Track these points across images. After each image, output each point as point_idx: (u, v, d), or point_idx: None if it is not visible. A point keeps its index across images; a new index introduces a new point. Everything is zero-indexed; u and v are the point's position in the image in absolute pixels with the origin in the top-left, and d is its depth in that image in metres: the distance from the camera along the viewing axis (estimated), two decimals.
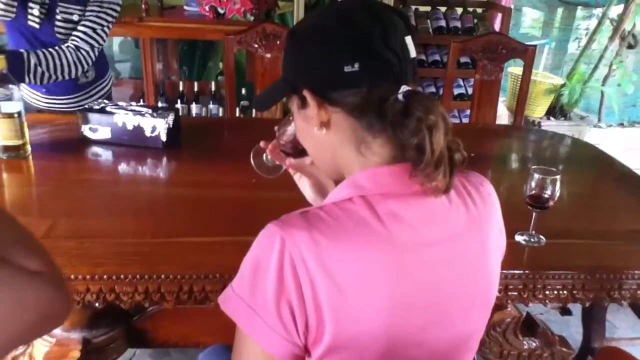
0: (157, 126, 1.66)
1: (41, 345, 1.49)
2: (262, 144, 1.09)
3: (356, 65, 0.73)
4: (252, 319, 0.72)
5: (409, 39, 0.77)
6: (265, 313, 0.72)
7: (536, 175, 1.22)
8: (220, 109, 3.32)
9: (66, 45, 1.86)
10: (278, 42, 2.24)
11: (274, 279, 0.70)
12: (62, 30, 1.87)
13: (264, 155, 1.12)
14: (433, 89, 3.62)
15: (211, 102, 3.34)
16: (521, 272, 1.18)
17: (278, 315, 0.71)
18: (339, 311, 0.70)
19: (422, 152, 0.72)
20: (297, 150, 1.02)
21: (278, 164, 1.11)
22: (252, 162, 1.13)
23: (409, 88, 0.75)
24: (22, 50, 1.78)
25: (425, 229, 0.75)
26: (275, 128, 1.06)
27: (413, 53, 0.77)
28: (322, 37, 0.77)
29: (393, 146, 0.76)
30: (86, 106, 1.74)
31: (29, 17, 1.84)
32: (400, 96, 0.74)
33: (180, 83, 3.37)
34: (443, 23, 3.56)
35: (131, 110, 1.69)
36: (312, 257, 0.69)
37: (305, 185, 1.08)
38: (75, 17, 1.86)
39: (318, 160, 0.88)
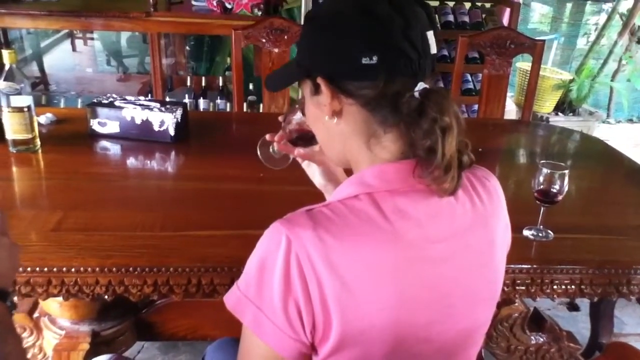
0: (166, 120, 1.67)
1: (51, 338, 1.51)
2: (267, 136, 1.08)
3: (374, 58, 0.72)
4: (259, 318, 0.72)
5: (430, 34, 0.75)
6: (272, 312, 0.71)
7: (544, 170, 1.22)
8: (228, 104, 3.32)
9: None
10: (286, 37, 2.24)
11: (280, 278, 0.70)
12: None
13: (271, 147, 1.11)
14: (441, 84, 3.61)
15: (219, 97, 3.35)
16: (529, 266, 1.17)
17: (285, 314, 0.71)
18: (346, 309, 0.70)
19: (433, 155, 0.71)
20: (305, 139, 1.02)
21: (285, 154, 1.10)
22: (258, 154, 1.12)
23: (426, 85, 0.74)
24: None
25: (432, 226, 0.74)
26: (280, 118, 1.06)
27: (434, 49, 0.76)
28: (341, 25, 0.74)
29: (403, 142, 0.76)
30: (94, 100, 1.74)
31: None
32: (416, 93, 0.73)
33: (188, 78, 3.38)
34: (451, 18, 3.55)
35: (139, 105, 1.70)
36: (318, 256, 0.69)
37: (314, 172, 1.08)
38: None
39: (326, 147, 0.88)
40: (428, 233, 0.74)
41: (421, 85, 0.74)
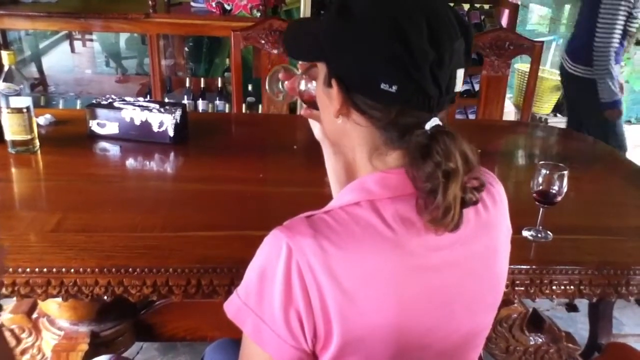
0: (165, 121, 1.67)
1: (50, 338, 1.51)
2: (281, 75, 1.01)
3: (393, 87, 0.69)
4: (260, 327, 0.72)
5: (460, 72, 0.73)
6: (272, 322, 0.71)
7: (543, 171, 1.22)
8: (227, 105, 3.32)
9: None
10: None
11: (281, 287, 0.70)
12: None
13: (280, 82, 1.05)
14: None
15: (217, 98, 3.34)
16: (528, 267, 1.17)
17: (286, 323, 0.70)
18: (347, 317, 0.70)
19: (434, 197, 0.69)
20: (315, 105, 0.95)
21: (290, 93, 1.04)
22: (267, 81, 1.06)
23: (439, 122, 0.72)
24: None
25: (434, 233, 0.73)
26: (300, 65, 0.98)
27: (459, 87, 0.74)
28: (373, 43, 0.70)
29: (405, 162, 0.74)
30: (94, 101, 1.74)
31: None
32: (427, 129, 0.71)
33: (187, 79, 3.38)
34: None
35: (139, 106, 1.70)
36: (319, 265, 0.68)
37: (315, 125, 1.01)
38: None
39: (329, 132, 0.86)
40: (430, 241, 0.73)
41: (434, 122, 0.72)
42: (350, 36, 0.72)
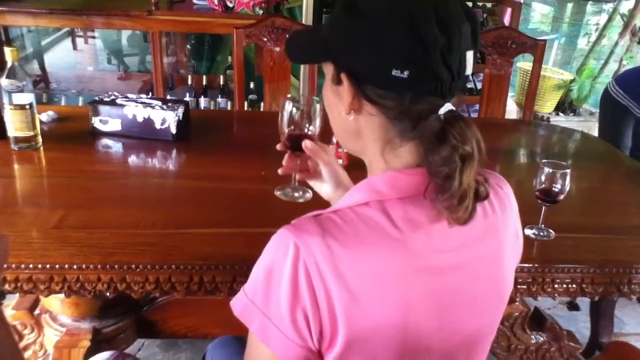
0: (167, 118, 1.67)
1: (52, 335, 1.51)
2: (280, 171, 1.09)
3: (405, 73, 0.69)
4: (266, 325, 0.72)
5: (469, 55, 0.73)
6: (279, 321, 0.71)
7: (546, 169, 1.22)
8: (229, 103, 3.32)
9: None
10: (287, 36, 2.23)
11: (288, 287, 0.70)
12: None
13: (287, 188, 1.20)
14: None
15: (219, 96, 3.34)
16: (530, 265, 1.18)
17: (292, 322, 0.70)
18: (353, 317, 0.70)
19: (450, 182, 0.69)
20: (297, 141, 1.04)
21: (303, 187, 1.17)
22: (280, 197, 1.20)
23: (452, 107, 0.72)
24: None
25: (441, 236, 0.73)
26: (282, 136, 1.09)
27: (469, 70, 0.74)
28: (383, 33, 0.70)
29: (419, 156, 0.74)
30: (96, 98, 1.75)
31: None
32: (441, 115, 0.71)
33: (189, 77, 3.38)
34: None
35: (141, 103, 1.70)
36: (326, 264, 0.68)
37: (321, 186, 1.08)
38: None
39: (338, 133, 0.85)
40: (437, 243, 0.73)
41: (447, 107, 0.72)
42: (358, 27, 0.72)
